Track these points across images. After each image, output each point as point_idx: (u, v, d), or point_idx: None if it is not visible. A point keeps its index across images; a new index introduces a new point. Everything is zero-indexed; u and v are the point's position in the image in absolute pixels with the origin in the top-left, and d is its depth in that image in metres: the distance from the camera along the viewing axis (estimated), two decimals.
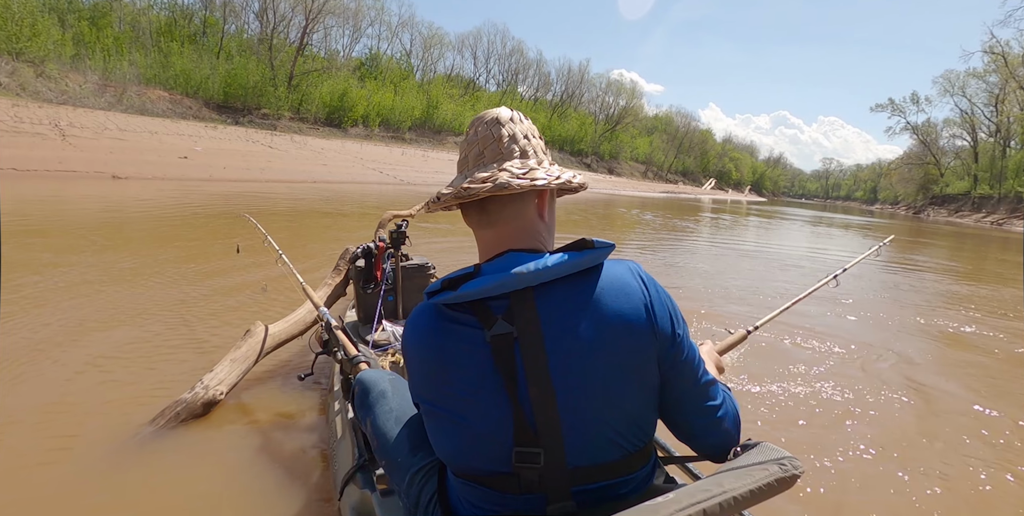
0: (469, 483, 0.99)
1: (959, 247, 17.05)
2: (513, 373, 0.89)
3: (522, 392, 0.89)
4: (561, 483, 0.91)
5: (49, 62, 23.52)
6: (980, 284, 7.91)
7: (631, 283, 0.94)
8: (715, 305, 5.10)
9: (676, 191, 59.29)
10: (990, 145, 52.95)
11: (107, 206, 8.84)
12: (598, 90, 70.35)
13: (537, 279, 0.90)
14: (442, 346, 0.94)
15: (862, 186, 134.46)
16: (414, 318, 1.00)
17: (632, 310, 0.91)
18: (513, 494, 0.94)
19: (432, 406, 0.99)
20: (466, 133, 1.03)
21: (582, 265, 0.92)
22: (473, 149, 1.00)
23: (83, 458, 1.94)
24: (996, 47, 48.74)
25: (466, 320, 0.93)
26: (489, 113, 1.02)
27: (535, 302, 0.91)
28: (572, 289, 0.92)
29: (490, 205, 0.97)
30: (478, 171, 0.97)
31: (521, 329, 0.90)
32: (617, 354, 0.91)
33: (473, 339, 0.92)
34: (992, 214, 44.58)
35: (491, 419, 0.91)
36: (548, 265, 0.90)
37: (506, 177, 0.93)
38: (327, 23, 42.00)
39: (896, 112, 62.16)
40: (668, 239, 11.64)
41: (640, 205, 26.03)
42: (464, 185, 0.94)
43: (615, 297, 0.92)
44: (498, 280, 0.89)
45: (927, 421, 2.85)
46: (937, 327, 4.86)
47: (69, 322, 3.27)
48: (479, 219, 1.00)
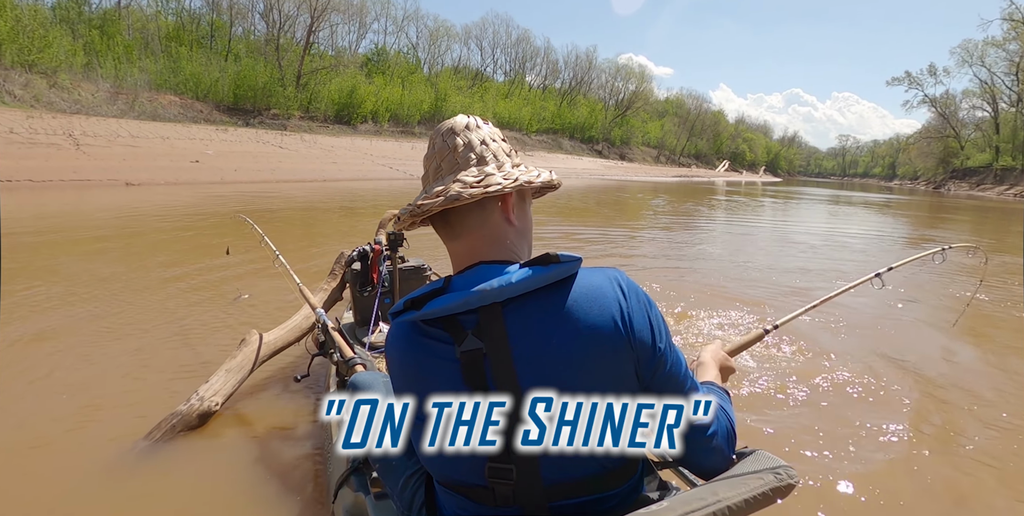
0: (450, 492, 1.00)
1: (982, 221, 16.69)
2: (484, 388, 0.89)
3: None
4: (536, 499, 0.91)
5: (61, 72, 23.83)
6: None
7: (607, 293, 0.91)
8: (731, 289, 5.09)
9: (689, 175, 58.68)
10: (1011, 115, 51.63)
11: (119, 214, 8.99)
12: (607, 76, 69.78)
13: (501, 295, 0.88)
14: (416, 361, 0.95)
15: (880, 162, 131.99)
16: (392, 331, 1.01)
17: (606, 321, 0.89)
18: (490, 506, 0.94)
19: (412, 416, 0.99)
20: (430, 144, 1.01)
21: (548, 280, 0.89)
22: (431, 163, 1.00)
23: (78, 474, 1.98)
24: (1016, 14, 47.39)
25: (438, 335, 0.93)
26: (445, 124, 1.00)
27: (503, 317, 0.90)
28: (543, 302, 0.90)
29: (451, 217, 0.96)
30: (436, 185, 0.95)
31: (489, 345, 0.89)
32: (591, 367, 0.88)
33: (444, 354, 0.92)
34: (1015, 186, 43.52)
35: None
36: (512, 281, 0.88)
37: (457, 188, 0.91)
38: (332, 20, 42.11)
39: (913, 85, 60.79)
40: (679, 224, 11.57)
41: (652, 190, 25.83)
42: (419, 202, 0.94)
43: (588, 308, 0.89)
44: (462, 298, 0.89)
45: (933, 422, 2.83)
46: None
47: (65, 333, 3.35)
48: (445, 232, 0.99)
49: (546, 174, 1.00)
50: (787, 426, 2.56)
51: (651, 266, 6.22)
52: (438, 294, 0.92)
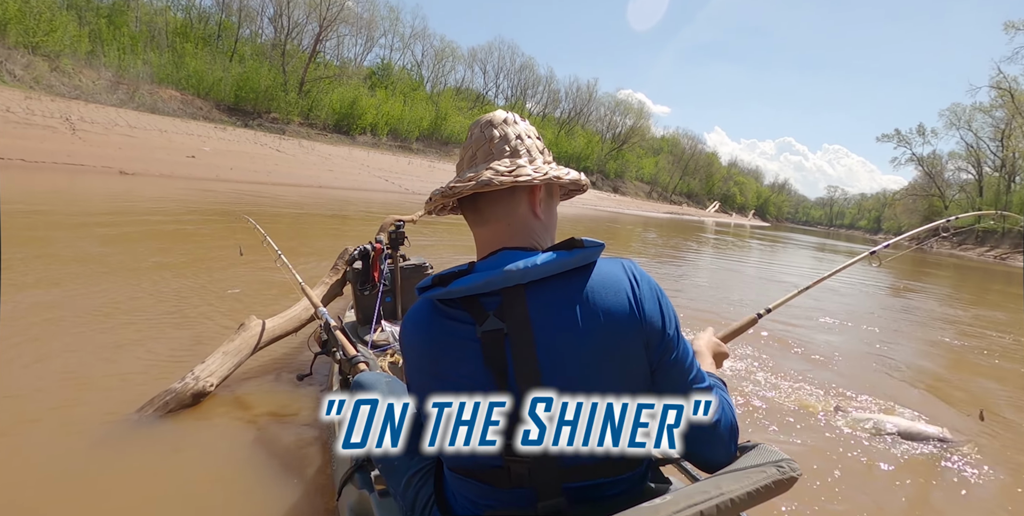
0: (462, 478, 0.99)
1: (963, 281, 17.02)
2: (503, 368, 0.90)
3: (512, 387, 0.90)
4: (551, 479, 0.91)
5: (64, 57, 23.77)
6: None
7: (621, 280, 0.93)
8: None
9: (680, 212, 59.43)
10: (995, 179, 53.21)
11: (114, 201, 8.85)
12: (606, 109, 70.98)
13: (526, 277, 0.90)
14: (435, 339, 0.96)
15: (866, 215, 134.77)
16: (411, 312, 1.02)
17: (619, 305, 0.91)
18: (504, 488, 0.94)
19: (421, 398, 0.98)
20: (469, 134, 1.07)
21: (571, 264, 0.92)
22: (467, 152, 1.04)
23: (67, 444, 1.90)
24: (1003, 83, 49.19)
25: (459, 316, 0.94)
26: (484, 116, 1.05)
27: (526, 299, 0.91)
28: (564, 286, 0.92)
29: (481, 203, 1.00)
30: (469, 171, 0.99)
31: (511, 325, 0.90)
32: (606, 349, 0.90)
33: (465, 334, 0.93)
34: (996, 248, 44.63)
35: None
36: (537, 263, 0.90)
37: (489, 175, 0.95)
38: (340, 31, 42.59)
39: (902, 143, 62.40)
40: (669, 259, 11.62)
41: (643, 224, 26.07)
42: (452, 184, 0.98)
43: (604, 294, 0.91)
44: (487, 277, 0.91)
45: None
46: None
47: (62, 310, 3.24)
48: (473, 217, 1.02)
49: (575, 174, 1.03)
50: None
51: None
52: (463, 275, 0.94)
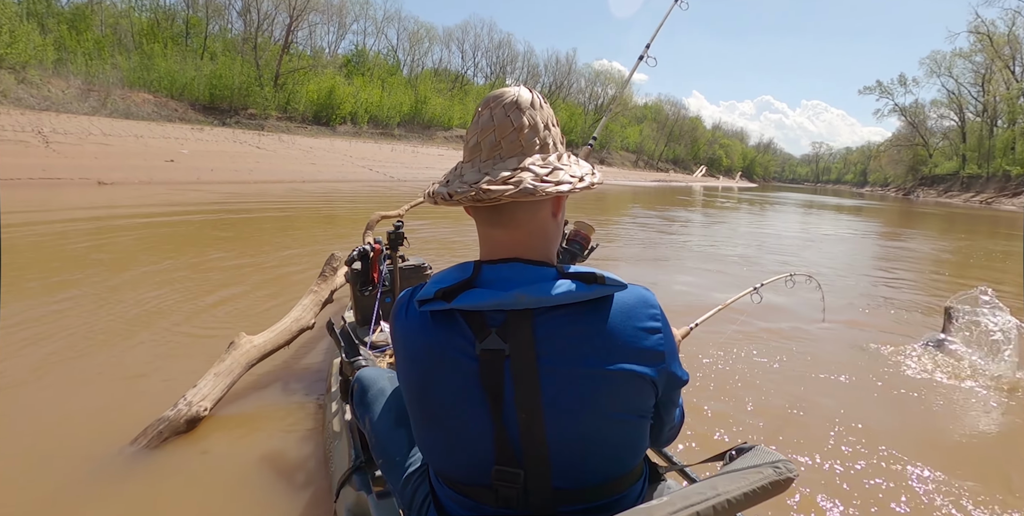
0: (448, 487, 0.98)
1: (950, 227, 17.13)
2: (499, 392, 0.86)
3: (508, 412, 0.87)
4: (546, 503, 0.90)
5: (30, 68, 23.21)
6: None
7: (641, 315, 0.90)
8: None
9: (667, 179, 59.27)
10: (977, 125, 53.22)
11: (93, 214, 8.76)
12: (586, 80, 70.27)
13: (536, 304, 0.85)
14: (430, 347, 0.90)
15: (852, 169, 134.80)
16: (404, 311, 0.95)
17: (638, 342, 0.89)
18: (491, 507, 0.92)
19: (414, 403, 0.97)
20: (477, 114, 0.92)
21: (586, 297, 0.86)
22: (488, 136, 0.90)
23: (61, 480, 1.91)
24: (981, 27, 48.94)
25: (458, 327, 0.89)
26: (507, 93, 0.91)
27: (533, 322, 0.86)
28: (576, 315, 0.87)
29: (504, 205, 0.89)
30: (495, 165, 0.88)
31: (514, 348, 0.86)
32: (617, 389, 0.88)
33: (462, 348, 0.88)
34: (981, 193, 44.83)
35: (471, 433, 0.90)
36: (551, 294, 0.85)
37: (530, 180, 0.86)
38: (312, 20, 41.72)
39: (884, 94, 62.32)
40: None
41: (632, 194, 26.01)
42: (484, 186, 0.85)
43: (621, 327, 0.88)
44: (496, 299, 0.85)
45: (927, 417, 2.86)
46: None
47: (48, 335, 3.24)
48: (488, 218, 0.92)
49: (599, 175, 0.96)
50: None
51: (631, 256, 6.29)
52: (468, 285, 0.88)
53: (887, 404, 2.94)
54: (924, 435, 2.63)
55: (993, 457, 2.46)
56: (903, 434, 2.61)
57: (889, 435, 2.57)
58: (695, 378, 3.07)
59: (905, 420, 2.77)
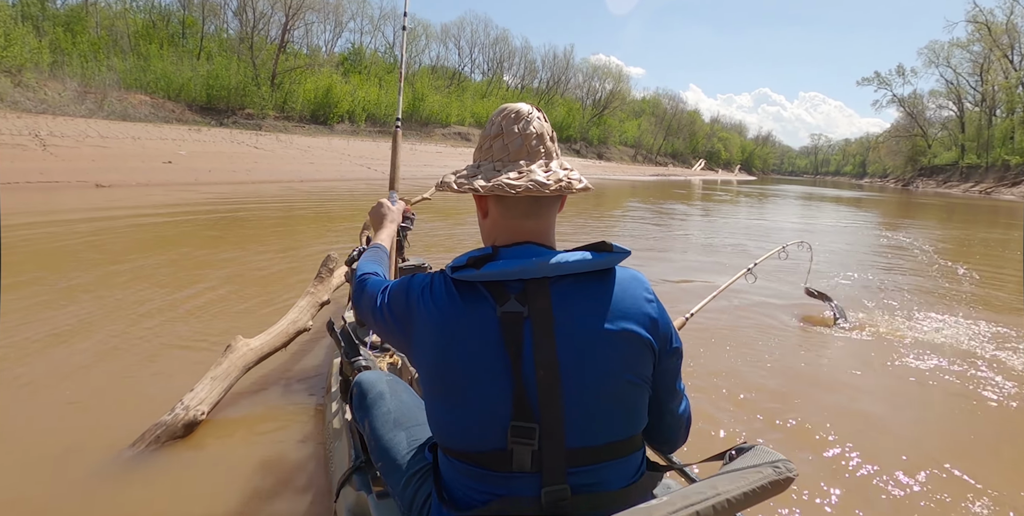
0: (463, 464, 1.01)
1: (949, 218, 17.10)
2: (519, 350, 0.94)
3: (527, 370, 0.94)
4: (558, 463, 0.95)
5: (27, 71, 23.14)
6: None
7: (640, 290, 1.04)
8: None
9: (666, 174, 59.10)
10: (976, 114, 53.09)
11: (90, 215, 8.76)
12: (584, 76, 69.99)
13: (555, 271, 0.98)
14: (454, 313, 0.99)
15: (851, 161, 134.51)
16: (428, 282, 1.04)
17: (639, 311, 1.01)
18: (504, 473, 0.96)
19: (432, 375, 1.02)
20: (501, 124, 1.07)
21: (599, 266, 1.00)
22: (498, 142, 1.06)
23: (59, 485, 1.92)
24: (979, 16, 48.75)
25: (480, 294, 0.98)
26: (521, 111, 1.07)
27: (549, 289, 0.98)
28: (586, 285, 1.00)
29: (542, 200, 1.05)
30: (539, 165, 1.05)
31: (533, 310, 0.96)
32: (622, 349, 0.98)
33: (484, 313, 0.97)
34: (980, 183, 44.74)
35: (489, 393, 0.96)
36: (569, 260, 0.98)
37: (574, 178, 1.05)
38: (308, 19, 41.55)
39: (883, 85, 62.18)
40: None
41: (630, 188, 25.98)
42: (540, 180, 1.01)
43: (624, 297, 1.01)
44: (519, 266, 0.97)
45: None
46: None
47: (42, 337, 3.25)
48: (528, 209, 1.05)
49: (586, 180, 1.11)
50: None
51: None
52: (491, 258, 0.99)
53: (887, 401, 2.95)
54: (926, 432, 2.64)
55: (993, 455, 2.47)
56: (904, 432, 2.62)
57: (890, 433, 2.58)
58: (693, 378, 3.08)
59: (906, 419, 2.78)
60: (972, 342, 3.81)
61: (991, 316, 4.53)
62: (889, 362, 3.43)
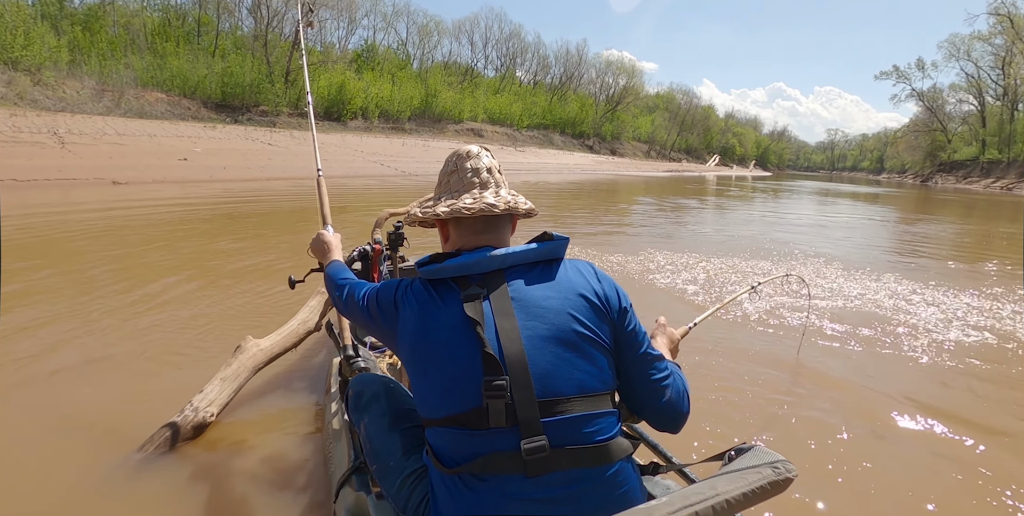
0: (446, 428, 1.08)
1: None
2: (480, 319, 1.08)
3: (489, 334, 1.07)
4: (531, 413, 1.02)
5: (46, 70, 23.45)
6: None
7: (585, 268, 1.21)
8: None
9: (680, 169, 58.78)
10: (997, 109, 52.15)
11: (107, 214, 8.87)
12: (597, 71, 69.68)
13: (508, 261, 1.16)
14: (429, 301, 1.15)
15: (868, 156, 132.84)
16: (409, 282, 1.23)
17: (584, 283, 1.17)
18: (484, 430, 1.03)
19: (414, 353, 1.15)
20: (456, 162, 1.29)
21: (545, 254, 1.19)
22: (454, 177, 1.28)
23: (69, 488, 1.93)
24: (1001, 8, 47.84)
25: (449, 286, 1.16)
26: (471, 151, 1.29)
27: (504, 277, 1.15)
28: (537, 271, 1.17)
29: (497, 220, 1.24)
30: (486, 193, 1.24)
31: (491, 290, 1.13)
32: (571, 304, 1.12)
33: (451, 298, 1.14)
34: (1002, 179, 43.99)
35: (461, 357, 1.07)
36: (517, 251, 1.17)
37: (519, 201, 1.26)
38: (322, 16, 41.67)
39: (901, 79, 61.20)
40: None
41: (644, 185, 25.87)
42: (491, 201, 1.21)
43: (571, 276, 1.18)
44: (476, 258, 1.15)
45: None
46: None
47: (52, 339, 3.28)
48: (484, 226, 1.23)
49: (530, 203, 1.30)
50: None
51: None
52: (453, 256, 1.18)
53: (887, 399, 2.90)
54: (927, 430, 2.60)
55: (994, 453, 2.42)
56: (904, 431, 2.58)
57: (891, 432, 2.54)
58: (693, 378, 3.06)
59: (905, 418, 2.73)
60: (973, 342, 3.75)
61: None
62: (889, 362, 3.38)
